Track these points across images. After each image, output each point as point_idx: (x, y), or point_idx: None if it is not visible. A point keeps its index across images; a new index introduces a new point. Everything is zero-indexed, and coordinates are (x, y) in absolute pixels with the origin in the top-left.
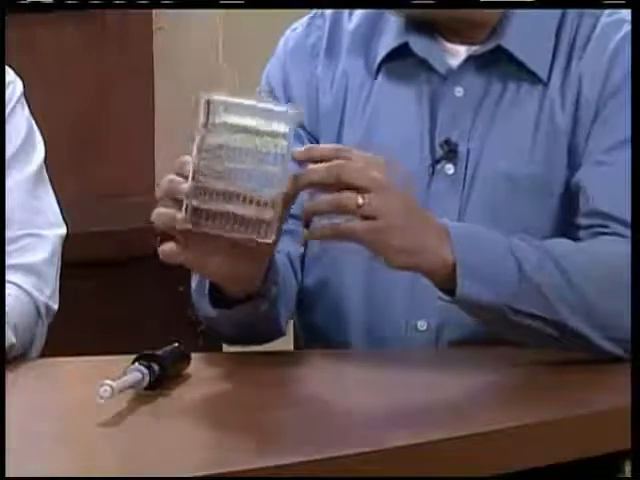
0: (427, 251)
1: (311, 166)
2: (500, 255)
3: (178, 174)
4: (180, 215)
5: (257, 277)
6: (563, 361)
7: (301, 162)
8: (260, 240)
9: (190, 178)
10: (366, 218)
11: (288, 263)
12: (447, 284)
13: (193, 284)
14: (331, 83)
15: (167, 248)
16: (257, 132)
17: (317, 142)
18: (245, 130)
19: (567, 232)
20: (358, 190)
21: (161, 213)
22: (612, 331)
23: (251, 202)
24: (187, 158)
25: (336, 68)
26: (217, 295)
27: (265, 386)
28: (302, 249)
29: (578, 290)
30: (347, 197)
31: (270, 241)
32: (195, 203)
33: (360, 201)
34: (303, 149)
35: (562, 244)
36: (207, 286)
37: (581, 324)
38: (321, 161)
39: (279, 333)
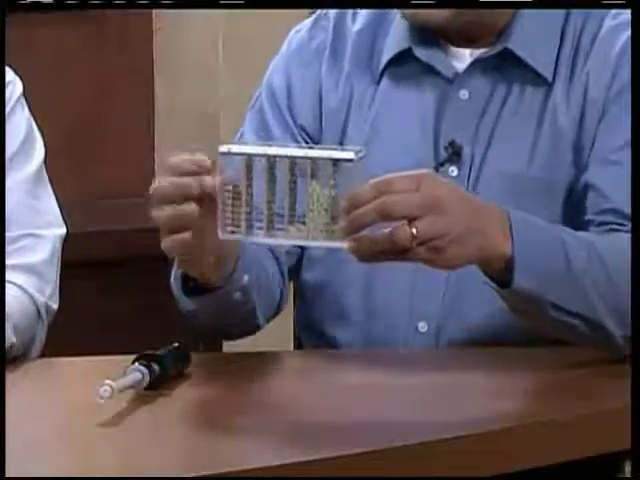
0: (488, 247)
1: (357, 212)
2: (553, 251)
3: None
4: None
5: (229, 266)
6: (563, 361)
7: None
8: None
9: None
10: (424, 242)
11: (274, 261)
12: (497, 273)
13: (172, 280)
14: (336, 85)
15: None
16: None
17: (316, 143)
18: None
19: None
20: (408, 220)
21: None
22: (629, 329)
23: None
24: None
25: (341, 70)
26: (192, 286)
27: (265, 386)
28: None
29: (617, 290)
30: (401, 233)
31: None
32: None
33: (414, 231)
34: (347, 202)
35: (603, 241)
36: (179, 277)
37: (614, 324)
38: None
39: (256, 326)
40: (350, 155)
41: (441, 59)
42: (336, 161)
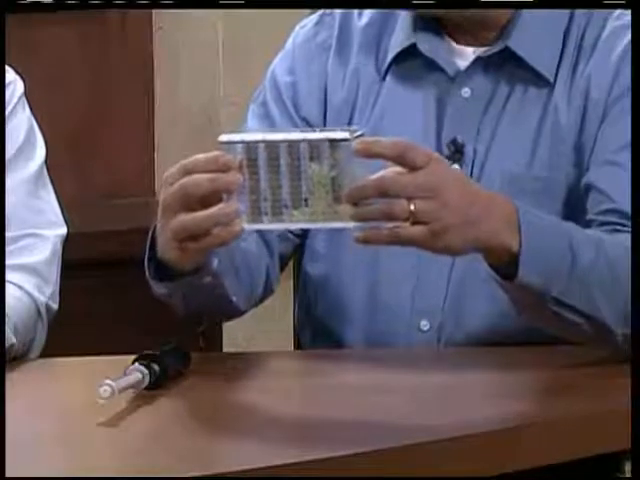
0: (490, 239)
1: (359, 183)
2: (560, 246)
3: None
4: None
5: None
6: (563, 361)
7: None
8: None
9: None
10: (420, 223)
11: (264, 246)
12: (502, 265)
13: (145, 265)
14: (342, 80)
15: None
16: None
17: None
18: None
19: None
20: (408, 197)
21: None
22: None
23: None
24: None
25: (347, 65)
26: (162, 271)
27: (265, 386)
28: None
29: (622, 289)
30: (399, 206)
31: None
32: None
33: (412, 208)
34: (365, 143)
35: (611, 240)
36: (146, 262)
37: (616, 323)
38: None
39: (235, 311)
40: (345, 135)
41: (444, 55)
42: (332, 141)
